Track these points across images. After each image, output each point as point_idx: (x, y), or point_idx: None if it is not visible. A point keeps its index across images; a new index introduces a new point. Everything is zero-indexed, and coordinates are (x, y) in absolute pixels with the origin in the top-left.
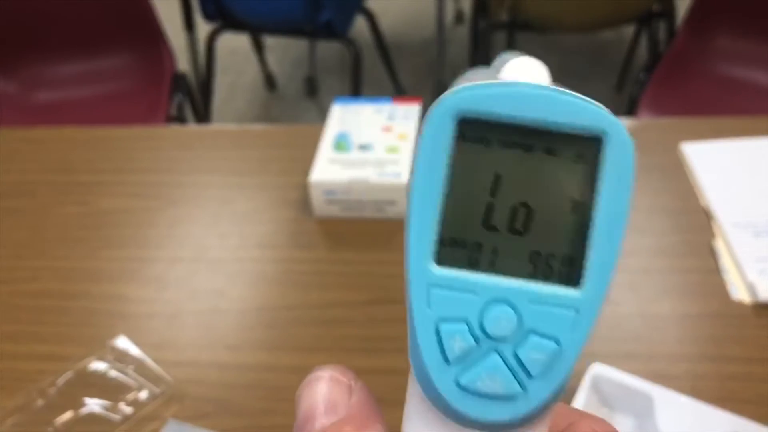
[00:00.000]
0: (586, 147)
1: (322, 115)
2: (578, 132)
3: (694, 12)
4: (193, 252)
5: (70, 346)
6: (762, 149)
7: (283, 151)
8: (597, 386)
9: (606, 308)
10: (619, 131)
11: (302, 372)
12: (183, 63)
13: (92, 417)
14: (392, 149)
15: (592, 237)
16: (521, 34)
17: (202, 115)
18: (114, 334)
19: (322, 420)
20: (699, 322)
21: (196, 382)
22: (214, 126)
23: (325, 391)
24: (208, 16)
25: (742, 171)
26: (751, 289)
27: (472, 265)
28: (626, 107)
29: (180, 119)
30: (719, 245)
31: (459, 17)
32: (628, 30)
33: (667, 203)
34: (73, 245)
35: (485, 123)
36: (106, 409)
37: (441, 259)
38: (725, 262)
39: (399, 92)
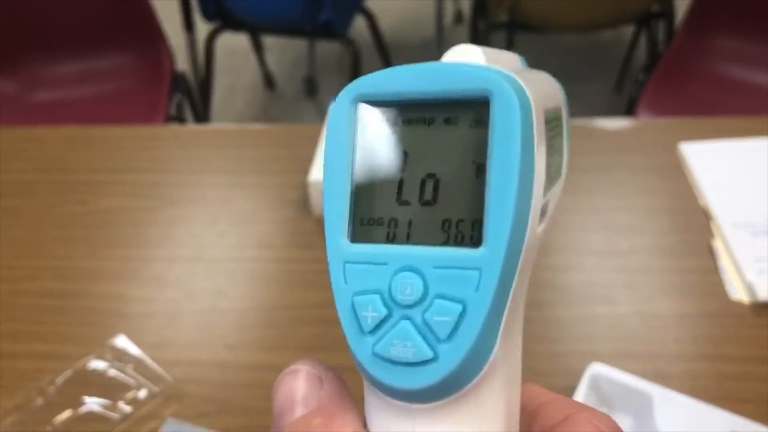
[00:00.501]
0: (480, 111)
1: (321, 115)
2: (467, 96)
3: (693, 12)
4: (192, 251)
5: (70, 345)
6: (761, 149)
7: (283, 150)
8: (596, 385)
9: (605, 307)
10: (503, 90)
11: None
12: (182, 63)
13: (91, 416)
14: None
15: (488, 195)
16: (520, 34)
17: (202, 114)
18: (113, 334)
19: (295, 413)
20: (698, 321)
21: (195, 381)
22: (213, 126)
23: (297, 384)
24: (208, 16)
25: (741, 171)
26: (749, 288)
27: (392, 239)
28: (625, 107)
29: (179, 119)
30: (718, 245)
31: (458, 17)
32: (628, 30)
33: (666, 203)
34: (72, 245)
35: (384, 104)
36: (106, 408)
37: (357, 237)
38: (724, 261)
39: None
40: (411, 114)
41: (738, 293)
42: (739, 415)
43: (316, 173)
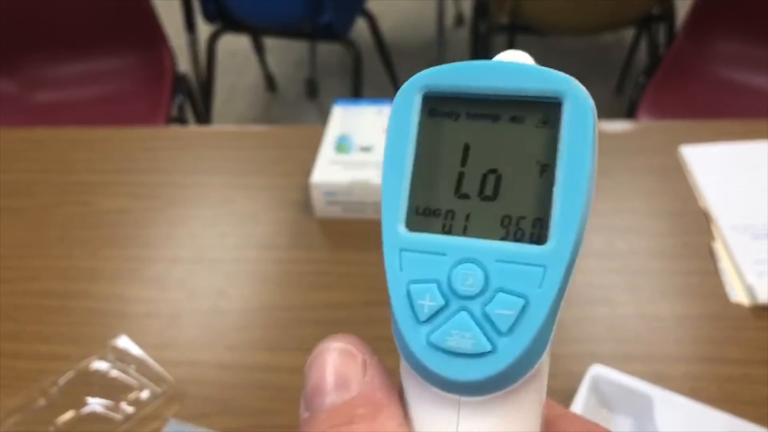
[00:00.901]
0: (549, 111)
1: (323, 116)
2: (538, 96)
3: (693, 15)
4: (193, 252)
5: (71, 345)
6: (761, 152)
7: (284, 152)
8: (596, 387)
9: (605, 309)
10: (577, 93)
11: (301, 372)
12: (184, 64)
13: (94, 416)
14: None
15: (556, 195)
16: (521, 36)
17: (203, 116)
18: (115, 334)
19: (332, 396)
20: (698, 323)
21: (196, 381)
22: (214, 127)
23: (337, 364)
24: (209, 17)
25: (741, 174)
26: (749, 291)
27: (445, 231)
28: (626, 110)
29: (181, 120)
30: (718, 247)
31: (459, 19)
32: (628, 33)
33: (666, 205)
34: (73, 245)
35: (451, 97)
36: (108, 408)
37: (413, 226)
38: (724, 264)
39: None
40: (476, 109)
41: (738, 295)
42: (740, 416)
43: (318, 175)
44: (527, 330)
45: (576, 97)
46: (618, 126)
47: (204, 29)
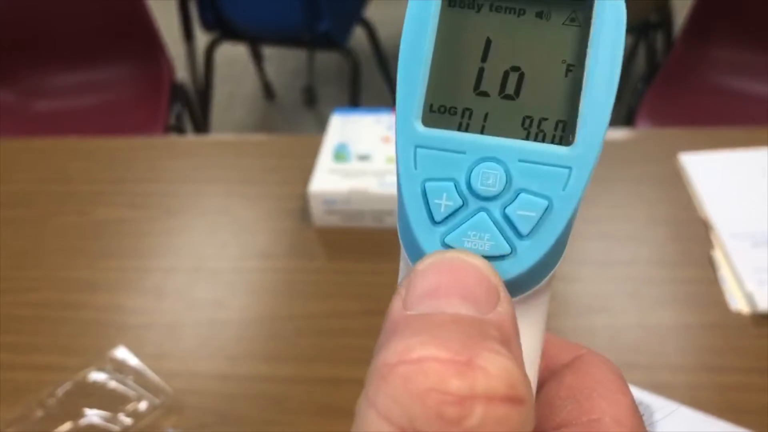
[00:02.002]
0: (578, 9)
1: (321, 124)
2: None
3: (691, 22)
4: (192, 262)
5: (70, 356)
6: (760, 160)
7: (283, 161)
8: None
9: (605, 318)
10: None
11: (302, 382)
12: (182, 73)
13: (92, 428)
14: (392, 159)
15: (584, 96)
16: None
17: (201, 124)
18: (113, 345)
19: (457, 305)
20: (698, 332)
21: (195, 392)
22: (213, 136)
23: (469, 278)
24: (207, 26)
25: (740, 181)
26: (749, 299)
27: (463, 128)
28: (624, 117)
29: (179, 129)
30: (718, 256)
31: None
32: (626, 40)
33: (665, 214)
34: (72, 255)
35: None
36: (106, 419)
37: (429, 122)
38: (724, 272)
39: None
40: (500, 1)
41: (738, 304)
42: (742, 425)
43: (317, 183)
44: (549, 233)
45: None
46: (617, 134)
47: (202, 38)
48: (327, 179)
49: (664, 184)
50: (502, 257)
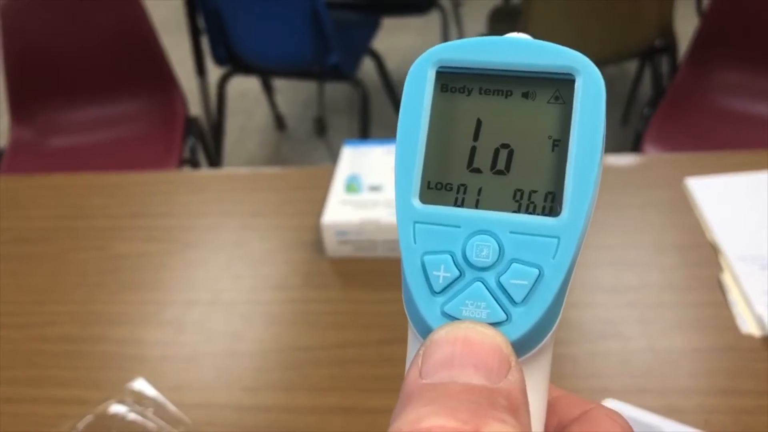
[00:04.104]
0: (560, 88)
1: (332, 154)
2: (551, 72)
3: (696, 46)
4: (208, 294)
5: (90, 389)
6: (766, 182)
7: (296, 193)
8: None
9: (617, 343)
10: (589, 69)
11: (318, 413)
12: (195, 107)
13: None
14: None
15: (569, 169)
16: None
17: (214, 157)
18: (132, 377)
19: (470, 375)
20: (710, 355)
21: (213, 423)
22: (227, 170)
23: (483, 349)
24: (219, 61)
25: (747, 204)
26: (759, 321)
27: (458, 204)
28: (632, 143)
29: (193, 162)
30: (727, 279)
31: None
32: (632, 65)
33: (674, 238)
34: (90, 289)
35: (464, 73)
36: None
37: (427, 199)
38: (734, 295)
39: None
40: (489, 85)
41: (749, 327)
42: None
43: (329, 215)
44: (542, 299)
45: (589, 73)
46: (624, 160)
47: (214, 72)
48: (339, 210)
49: (672, 209)
50: (498, 324)
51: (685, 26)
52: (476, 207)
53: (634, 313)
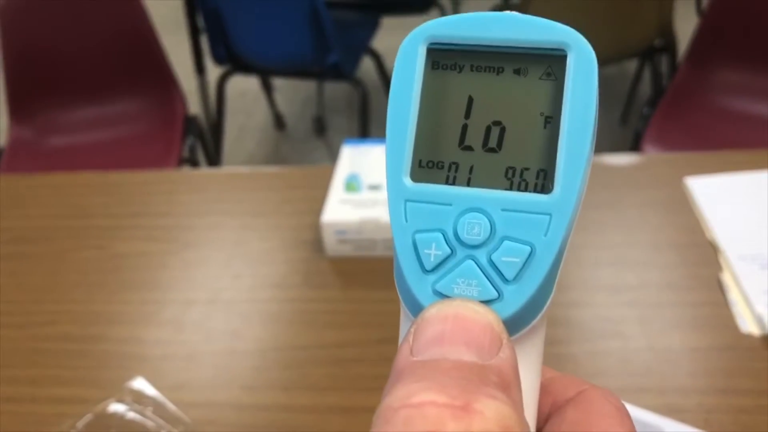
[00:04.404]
0: (552, 64)
1: (331, 153)
2: (542, 48)
3: (695, 46)
4: (208, 293)
5: (89, 388)
6: (766, 182)
7: (295, 192)
8: None
9: (616, 343)
10: (580, 44)
11: (317, 412)
12: (194, 106)
13: None
14: None
15: (561, 145)
16: None
17: (213, 156)
18: (132, 376)
19: (461, 352)
20: (709, 355)
21: (213, 422)
22: (226, 169)
23: (473, 326)
24: (219, 60)
25: (747, 204)
26: (759, 321)
27: (449, 182)
28: (631, 142)
29: (192, 161)
30: (727, 278)
31: None
32: (631, 64)
33: (673, 238)
34: (90, 289)
35: (455, 49)
36: None
37: (418, 177)
38: (733, 295)
39: None
40: (479, 61)
41: (748, 326)
42: None
43: (329, 214)
44: (533, 277)
45: (580, 48)
46: (623, 159)
47: (213, 71)
48: (339, 210)
49: (671, 209)
50: (490, 302)
51: (685, 26)
52: (468, 185)
53: (634, 312)
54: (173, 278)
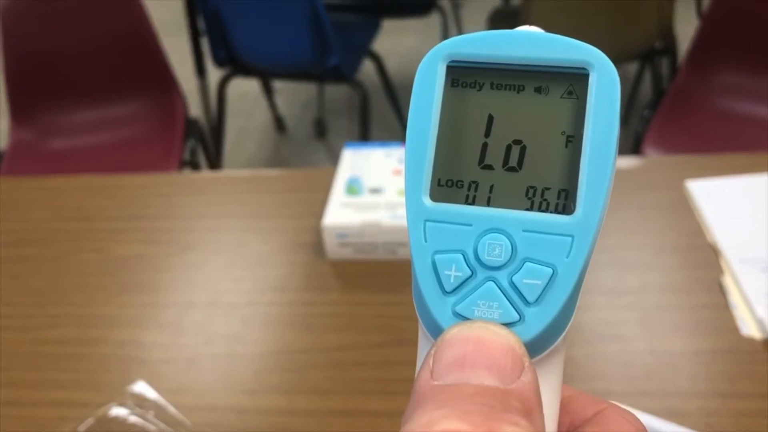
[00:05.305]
0: (574, 82)
1: (332, 155)
2: (564, 66)
3: (695, 48)
4: (208, 296)
5: (90, 392)
6: (766, 185)
7: (296, 195)
8: None
9: (617, 346)
10: (603, 63)
11: (318, 415)
12: (195, 108)
13: None
14: (403, 192)
15: (583, 165)
16: None
17: (214, 158)
18: (132, 380)
19: (483, 376)
20: (710, 358)
21: (214, 426)
22: (227, 172)
23: (496, 349)
24: (219, 62)
25: (748, 207)
26: (760, 324)
27: (469, 202)
28: (632, 145)
29: (193, 164)
30: (728, 281)
31: None
32: (632, 66)
33: (674, 240)
34: (90, 292)
35: (475, 67)
36: None
37: (437, 197)
38: (734, 298)
39: None
40: (500, 79)
41: (750, 329)
42: None
43: (330, 217)
44: (555, 299)
45: (603, 67)
46: (624, 162)
47: (214, 74)
48: (340, 213)
49: (673, 211)
50: (511, 324)
51: (685, 28)
52: (488, 204)
53: (635, 315)
54: (173, 281)
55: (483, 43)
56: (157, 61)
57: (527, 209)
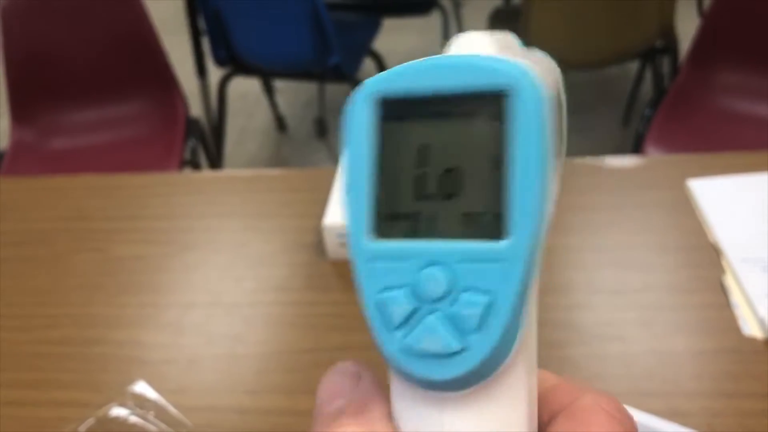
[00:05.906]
0: (496, 105)
1: (332, 155)
2: (486, 91)
3: (696, 47)
4: (209, 296)
5: (91, 392)
6: None
7: (297, 194)
8: None
9: (618, 346)
10: (524, 83)
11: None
12: (195, 108)
13: None
14: None
15: (512, 188)
16: None
17: (215, 158)
18: (133, 380)
19: (328, 407)
20: (712, 358)
21: (215, 426)
22: (227, 171)
23: (331, 381)
24: (220, 62)
25: (749, 206)
26: (762, 324)
27: (413, 233)
28: (633, 144)
29: (194, 163)
30: (729, 281)
31: None
32: (633, 65)
33: (675, 240)
34: (90, 292)
35: (402, 99)
36: None
37: (381, 233)
38: (736, 297)
39: None
40: (428, 108)
41: (751, 329)
42: None
43: (331, 217)
44: (495, 325)
45: (524, 88)
46: (625, 161)
47: (215, 73)
48: (341, 212)
49: (674, 210)
50: (455, 354)
51: (686, 27)
52: (427, 237)
53: (636, 315)
54: (174, 281)
55: (408, 76)
56: (157, 61)
57: (466, 236)
